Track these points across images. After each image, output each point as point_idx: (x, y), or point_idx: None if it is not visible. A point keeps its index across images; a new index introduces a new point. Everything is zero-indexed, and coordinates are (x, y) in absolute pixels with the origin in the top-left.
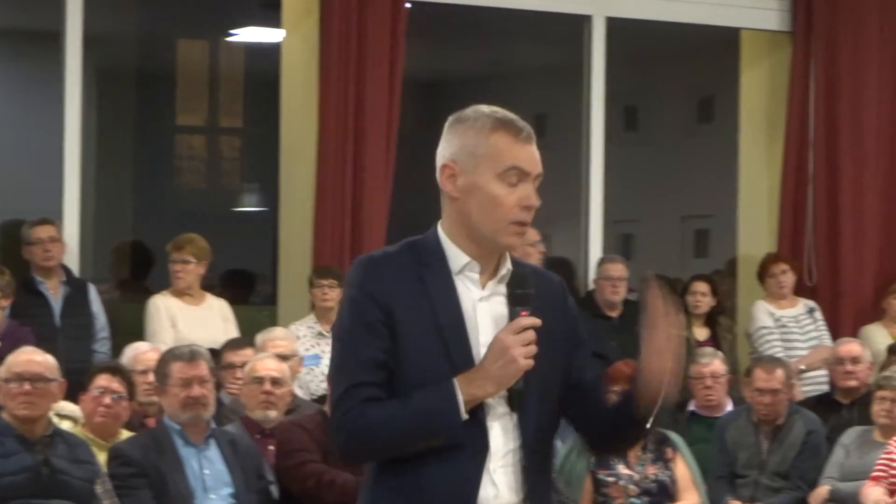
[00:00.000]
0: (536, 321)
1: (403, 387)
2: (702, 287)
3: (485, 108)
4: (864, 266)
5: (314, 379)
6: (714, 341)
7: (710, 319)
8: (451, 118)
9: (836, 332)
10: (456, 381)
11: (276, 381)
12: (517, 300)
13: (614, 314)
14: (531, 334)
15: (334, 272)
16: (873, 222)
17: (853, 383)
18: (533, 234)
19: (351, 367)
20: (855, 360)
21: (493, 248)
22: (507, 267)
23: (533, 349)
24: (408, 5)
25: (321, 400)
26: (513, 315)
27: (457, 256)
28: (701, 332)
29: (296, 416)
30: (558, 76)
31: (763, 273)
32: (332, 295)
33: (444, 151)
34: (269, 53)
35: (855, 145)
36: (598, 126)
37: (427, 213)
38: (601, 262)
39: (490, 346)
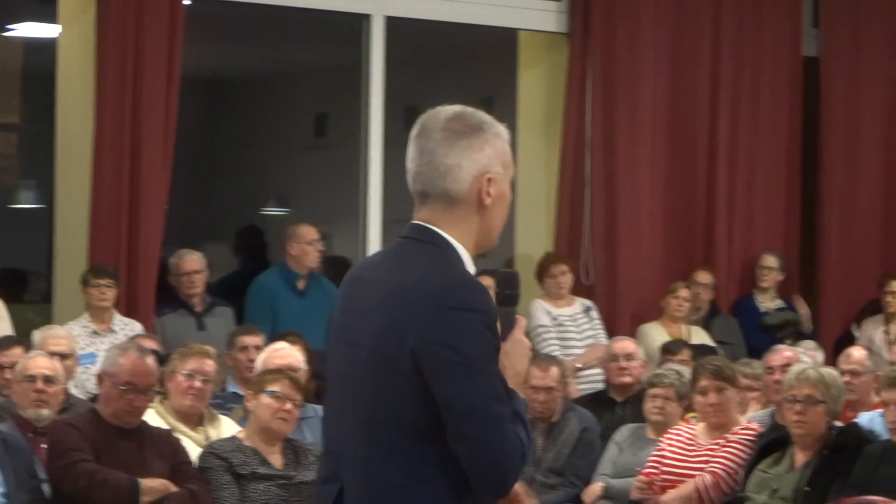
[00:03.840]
0: None
1: None
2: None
3: (483, 114)
4: (641, 266)
5: (91, 378)
6: None
7: None
8: (459, 124)
9: (612, 331)
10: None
11: (48, 380)
12: (510, 300)
13: None
14: None
15: (110, 272)
16: (651, 222)
17: (627, 379)
18: (312, 233)
19: (503, 395)
20: (629, 356)
21: (483, 252)
22: None
23: None
24: (186, 2)
25: (97, 399)
26: (506, 315)
27: (471, 266)
28: None
29: (68, 415)
30: (338, 76)
31: (542, 272)
32: (109, 295)
33: (476, 162)
34: (46, 49)
35: (631, 146)
36: (378, 126)
37: (210, 210)
38: None
39: (515, 350)
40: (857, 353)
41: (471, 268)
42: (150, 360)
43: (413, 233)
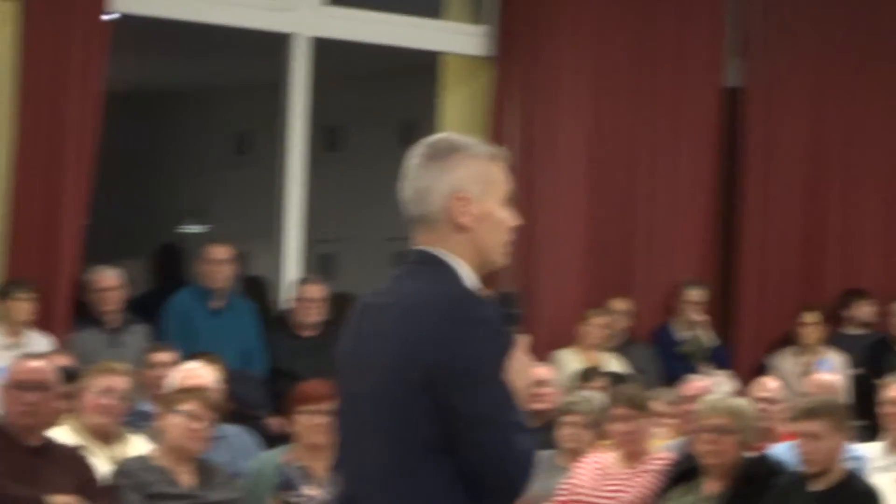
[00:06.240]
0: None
1: None
2: None
3: (465, 138)
4: (559, 292)
5: None
6: None
7: None
8: (433, 149)
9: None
10: None
11: None
12: (511, 319)
13: (310, 334)
14: None
15: (32, 286)
16: (570, 249)
17: (541, 406)
18: (222, 252)
19: (511, 404)
20: (542, 383)
21: (489, 272)
22: None
23: None
24: (109, 18)
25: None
26: (508, 334)
27: (474, 284)
28: None
29: None
30: (261, 93)
31: None
32: (32, 309)
33: (447, 182)
34: None
35: (552, 173)
36: (299, 145)
37: (130, 227)
38: (300, 283)
39: (517, 368)
40: (771, 382)
41: (474, 285)
42: (42, 362)
43: (414, 257)
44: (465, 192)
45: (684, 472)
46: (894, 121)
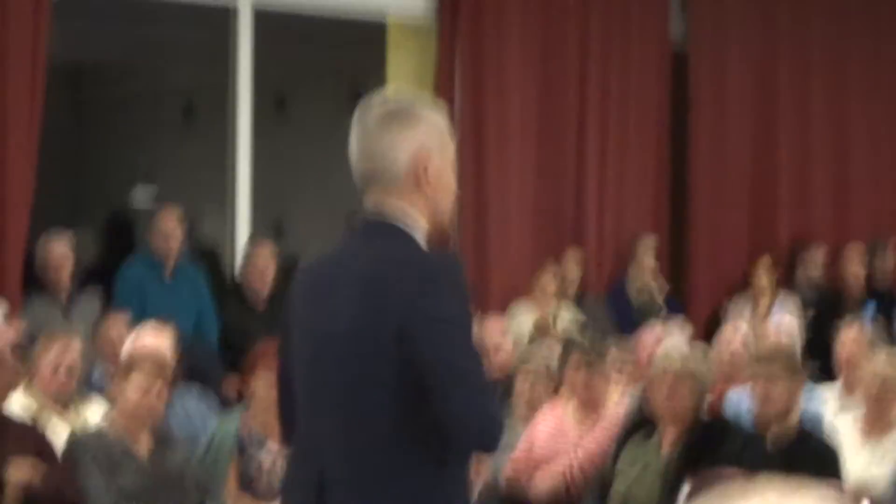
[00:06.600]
0: None
1: None
2: None
3: (418, 98)
4: (511, 249)
5: None
6: None
7: None
8: (389, 108)
9: (482, 310)
10: None
11: None
12: None
13: (261, 297)
14: None
15: None
16: (521, 206)
17: (497, 360)
18: (171, 220)
19: (481, 359)
20: (496, 346)
21: (437, 233)
22: None
23: None
24: None
25: None
26: None
27: (423, 243)
28: None
29: None
30: (207, 60)
31: None
32: None
33: (410, 142)
34: None
35: (502, 131)
36: (246, 112)
37: (78, 198)
38: (249, 244)
39: None
40: (739, 330)
41: (423, 244)
42: None
43: (370, 216)
44: (428, 152)
45: (640, 422)
46: (838, 74)
